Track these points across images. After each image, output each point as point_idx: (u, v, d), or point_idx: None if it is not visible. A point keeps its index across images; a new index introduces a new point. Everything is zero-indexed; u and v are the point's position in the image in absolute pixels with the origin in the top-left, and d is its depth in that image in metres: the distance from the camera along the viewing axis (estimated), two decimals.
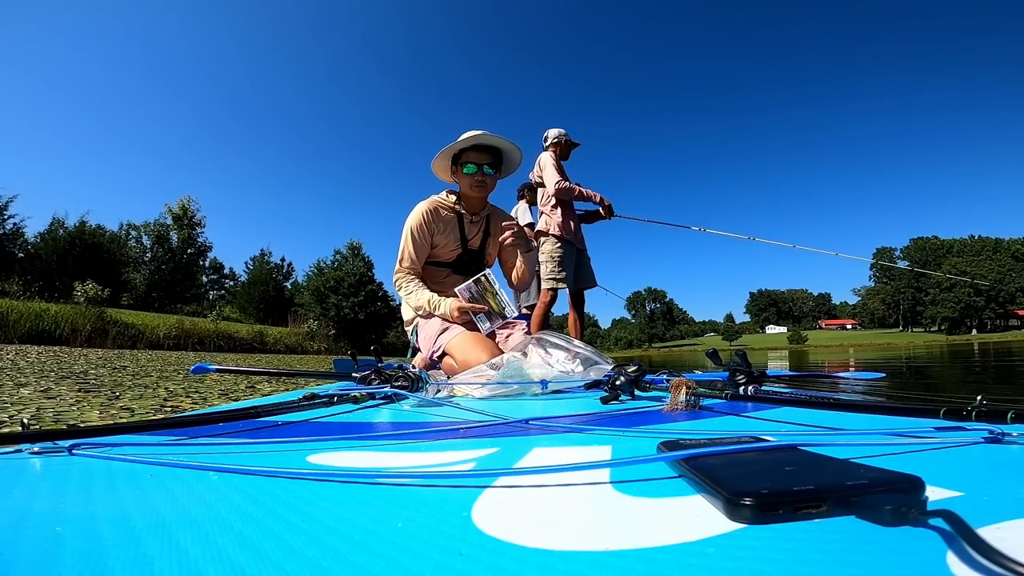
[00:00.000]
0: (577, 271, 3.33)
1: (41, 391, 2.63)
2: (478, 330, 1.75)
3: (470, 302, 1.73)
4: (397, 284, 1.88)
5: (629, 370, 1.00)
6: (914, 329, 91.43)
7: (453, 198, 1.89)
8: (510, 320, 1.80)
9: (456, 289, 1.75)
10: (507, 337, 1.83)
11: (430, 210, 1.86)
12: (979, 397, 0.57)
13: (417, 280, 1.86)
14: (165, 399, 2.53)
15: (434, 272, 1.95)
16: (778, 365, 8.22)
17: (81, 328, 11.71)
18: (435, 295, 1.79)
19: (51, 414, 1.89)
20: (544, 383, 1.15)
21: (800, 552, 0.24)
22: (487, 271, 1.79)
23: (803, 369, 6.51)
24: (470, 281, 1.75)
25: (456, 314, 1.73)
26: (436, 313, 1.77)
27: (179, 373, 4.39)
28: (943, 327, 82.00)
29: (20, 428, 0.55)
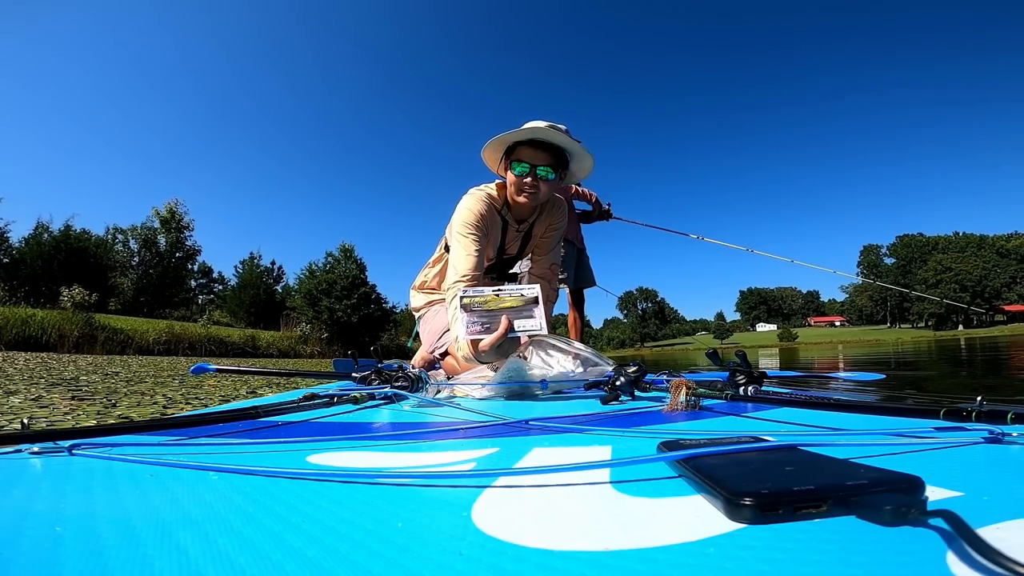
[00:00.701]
0: (577, 271, 3.33)
1: (32, 399, 2.61)
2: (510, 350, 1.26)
3: (487, 332, 1.17)
4: (449, 300, 1.39)
5: (629, 370, 1.00)
6: (901, 325, 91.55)
7: (503, 197, 1.52)
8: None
9: (464, 336, 1.19)
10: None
11: (486, 202, 1.49)
12: (979, 397, 0.57)
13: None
14: (164, 406, 2.51)
15: None
16: (770, 363, 8.25)
17: (69, 334, 11.62)
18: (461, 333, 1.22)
19: (44, 424, 1.88)
20: (544, 383, 1.15)
21: (800, 552, 0.24)
22: (462, 295, 1.22)
23: (795, 367, 6.53)
24: (464, 316, 1.19)
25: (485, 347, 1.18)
26: (460, 355, 1.29)
27: (174, 379, 4.37)
28: (930, 323, 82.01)
29: (20, 428, 0.55)
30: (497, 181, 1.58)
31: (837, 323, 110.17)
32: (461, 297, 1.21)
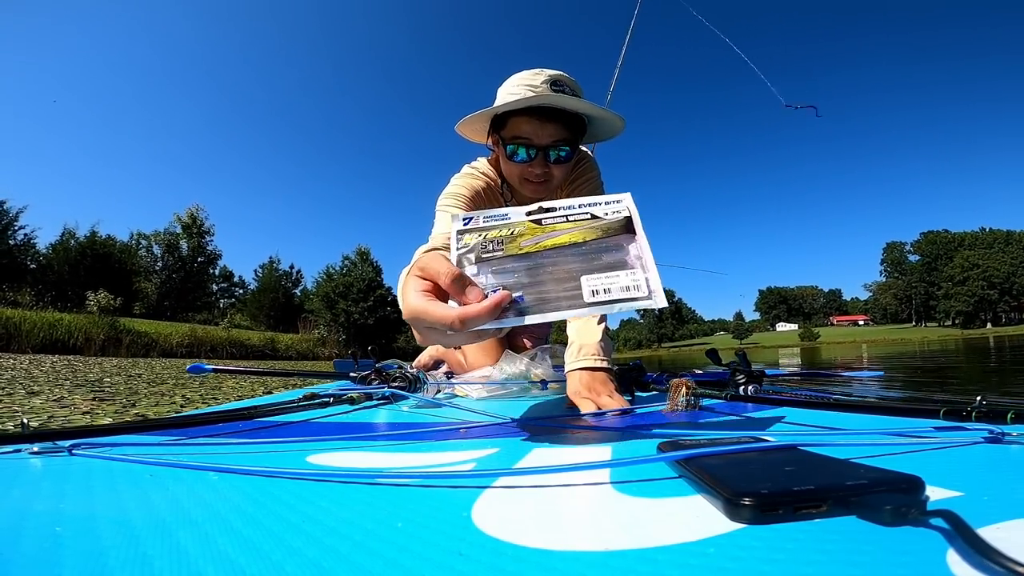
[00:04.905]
0: None
1: (54, 400, 2.63)
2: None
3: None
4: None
5: (629, 370, 1.01)
6: (927, 324, 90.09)
7: (500, 175, 1.15)
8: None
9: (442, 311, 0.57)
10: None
11: (484, 181, 1.14)
12: (979, 397, 0.57)
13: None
14: (181, 406, 2.52)
15: None
16: (790, 363, 8.23)
17: (95, 337, 11.88)
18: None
19: (61, 422, 1.88)
20: (544, 383, 1.15)
21: (800, 552, 0.24)
22: (461, 220, 0.62)
23: (816, 366, 6.52)
24: (471, 269, 0.57)
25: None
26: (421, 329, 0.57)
27: (195, 380, 4.43)
28: (957, 321, 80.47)
29: (20, 428, 0.55)
30: (488, 157, 1.19)
31: (860, 322, 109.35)
32: (459, 231, 0.58)
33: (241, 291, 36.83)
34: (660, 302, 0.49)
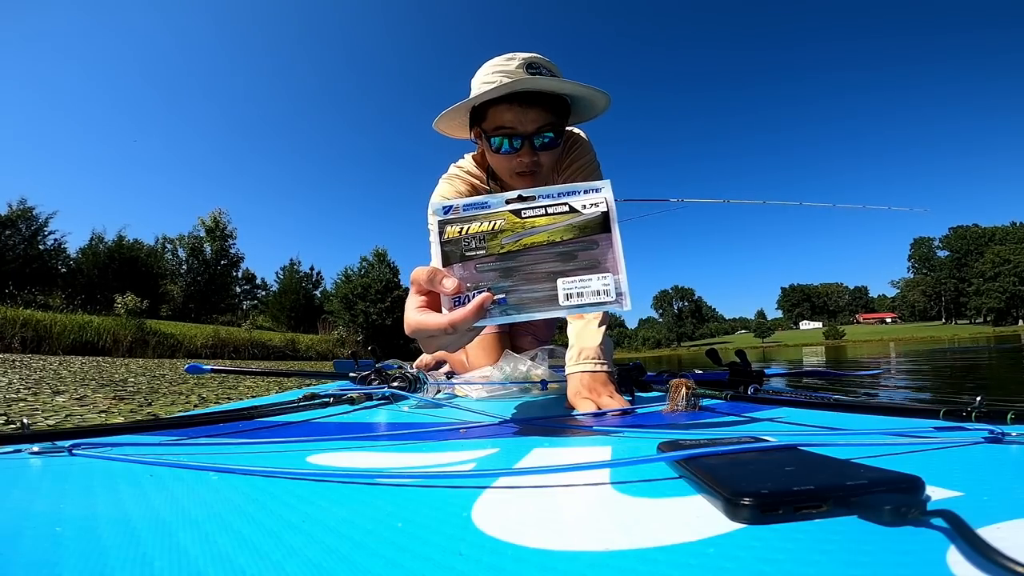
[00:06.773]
0: None
1: (76, 399, 2.67)
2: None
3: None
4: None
5: (629, 370, 1.01)
6: (958, 321, 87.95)
7: (486, 171, 1.16)
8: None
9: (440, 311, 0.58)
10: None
11: (463, 183, 1.17)
12: (979, 397, 0.57)
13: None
14: (195, 405, 2.55)
15: None
16: (815, 361, 8.27)
17: (122, 339, 12.16)
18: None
19: (78, 420, 1.90)
20: (544, 384, 1.15)
21: (800, 552, 0.24)
22: (442, 211, 0.58)
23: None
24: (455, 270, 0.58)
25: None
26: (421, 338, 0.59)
27: (215, 380, 4.49)
28: (988, 318, 78.45)
29: (20, 428, 0.55)
30: (474, 153, 1.19)
31: (888, 320, 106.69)
32: (441, 221, 0.57)
33: (263, 293, 37.13)
34: (626, 306, 0.53)
